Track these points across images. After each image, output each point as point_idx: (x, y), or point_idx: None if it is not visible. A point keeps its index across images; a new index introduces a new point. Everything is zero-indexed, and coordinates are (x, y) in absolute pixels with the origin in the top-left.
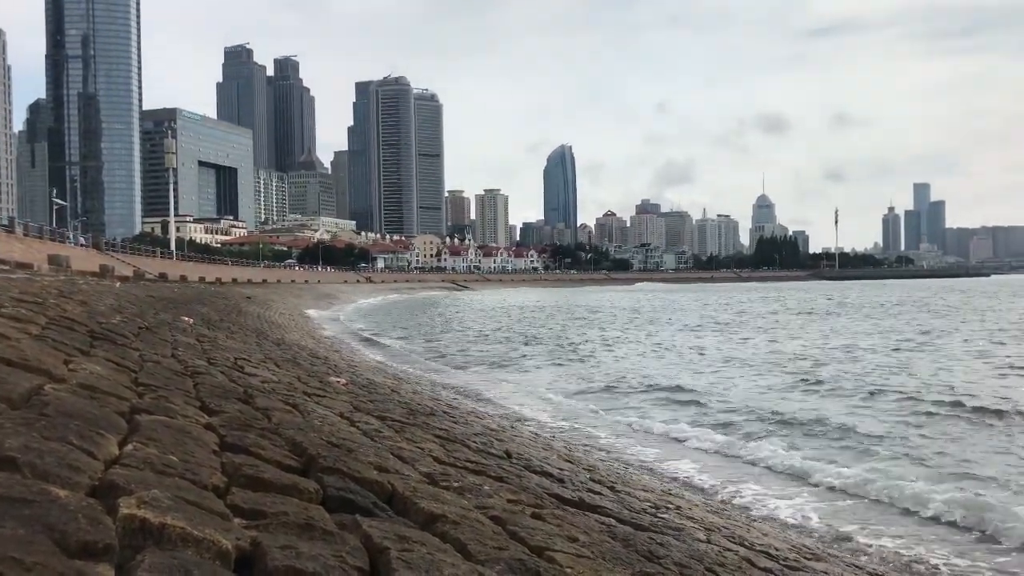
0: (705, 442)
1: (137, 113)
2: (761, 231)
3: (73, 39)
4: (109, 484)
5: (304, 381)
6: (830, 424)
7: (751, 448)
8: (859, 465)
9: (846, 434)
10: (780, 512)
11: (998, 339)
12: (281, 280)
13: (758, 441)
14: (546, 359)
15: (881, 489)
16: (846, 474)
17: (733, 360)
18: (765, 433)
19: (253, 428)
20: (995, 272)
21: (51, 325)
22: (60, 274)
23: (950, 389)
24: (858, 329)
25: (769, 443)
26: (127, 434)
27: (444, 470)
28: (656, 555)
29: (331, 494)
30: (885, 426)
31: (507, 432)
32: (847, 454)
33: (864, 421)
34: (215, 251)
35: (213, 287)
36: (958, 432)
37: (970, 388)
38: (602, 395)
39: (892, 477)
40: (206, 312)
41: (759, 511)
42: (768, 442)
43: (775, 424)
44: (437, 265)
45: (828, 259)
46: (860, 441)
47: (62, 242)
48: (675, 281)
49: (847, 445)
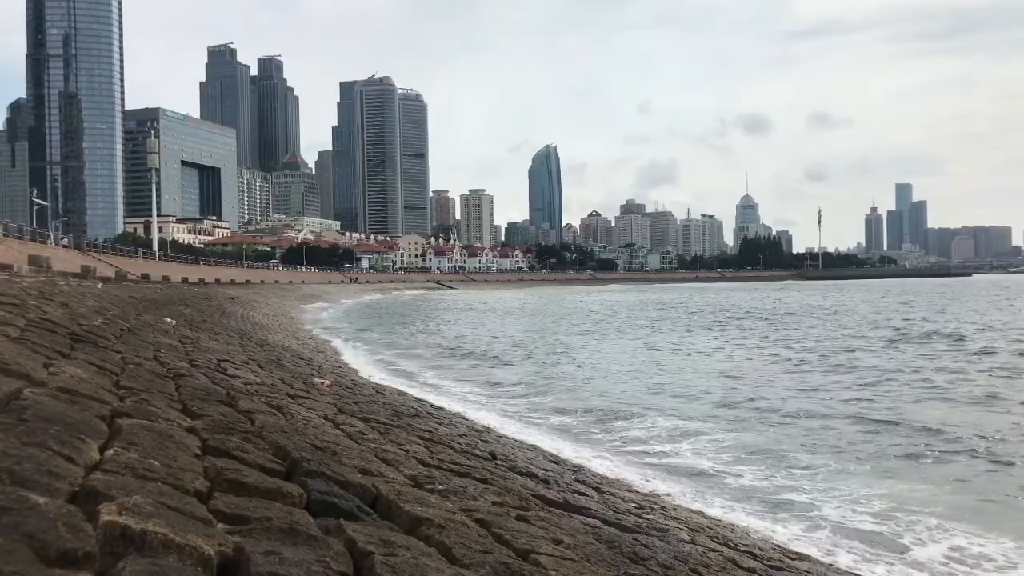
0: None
1: (119, 113)
2: (745, 231)
3: (54, 38)
4: (90, 490)
5: (288, 383)
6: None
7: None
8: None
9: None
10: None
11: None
12: (265, 281)
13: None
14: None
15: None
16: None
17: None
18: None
19: (236, 431)
20: (976, 272)
21: (31, 327)
22: (41, 275)
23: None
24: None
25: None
26: (108, 439)
27: (429, 472)
28: (641, 556)
29: (315, 498)
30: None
31: (492, 433)
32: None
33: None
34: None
35: (196, 288)
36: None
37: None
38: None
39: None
40: (189, 313)
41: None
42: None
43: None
44: (422, 265)
45: (811, 259)
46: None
47: (43, 243)
48: (659, 281)
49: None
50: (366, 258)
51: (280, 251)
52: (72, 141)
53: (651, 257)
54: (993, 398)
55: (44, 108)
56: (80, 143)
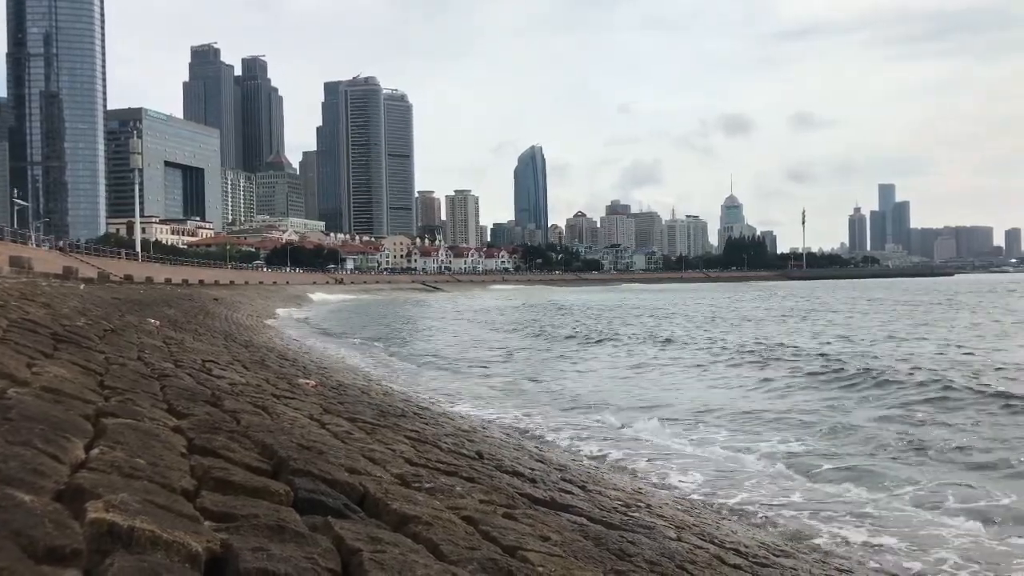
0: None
1: (102, 112)
2: (730, 232)
3: (35, 37)
4: (76, 488)
5: (273, 383)
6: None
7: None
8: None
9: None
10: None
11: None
12: (249, 281)
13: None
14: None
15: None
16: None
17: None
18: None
19: (222, 431)
20: (959, 271)
21: (13, 328)
22: (22, 276)
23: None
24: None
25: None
26: (93, 438)
27: (416, 471)
28: (627, 553)
29: (302, 496)
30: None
31: (478, 433)
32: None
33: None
34: (182, 252)
35: (180, 289)
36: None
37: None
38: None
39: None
40: (173, 314)
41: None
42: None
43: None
44: (407, 266)
45: (796, 259)
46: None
47: (24, 244)
48: (644, 281)
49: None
50: (351, 259)
51: (264, 252)
52: (53, 141)
53: (636, 257)
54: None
55: (25, 108)
56: (62, 143)
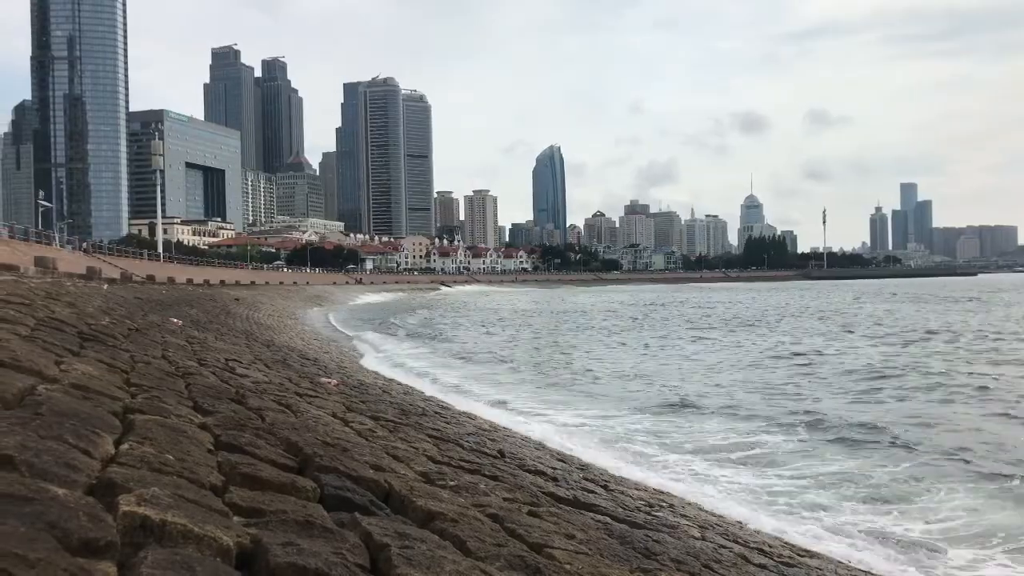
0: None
1: (124, 114)
2: (750, 231)
3: (59, 40)
4: (107, 482)
5: (295, 382)
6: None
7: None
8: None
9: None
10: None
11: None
12: (269, 282)
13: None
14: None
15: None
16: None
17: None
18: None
19: (247, 428)
20: (982, 271)
21: (40, 326)
22: (47, 276)
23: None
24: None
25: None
26: (122, 433)
27: (439, 469)
28: (653, 552)
29: (329, 492)
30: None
31: (499, 432)
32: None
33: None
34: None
35: (201, 289)
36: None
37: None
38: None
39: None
40: (195, 314)
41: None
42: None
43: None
44: (426, 266)
45: (816, 259)
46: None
47: (48, 244)
48: (663, 281)
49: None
50: (370, 259)
51: (285, 252)
52: (77, 143)
53: (655, 257)
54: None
55: (49, 110)
56: (85, 145)
